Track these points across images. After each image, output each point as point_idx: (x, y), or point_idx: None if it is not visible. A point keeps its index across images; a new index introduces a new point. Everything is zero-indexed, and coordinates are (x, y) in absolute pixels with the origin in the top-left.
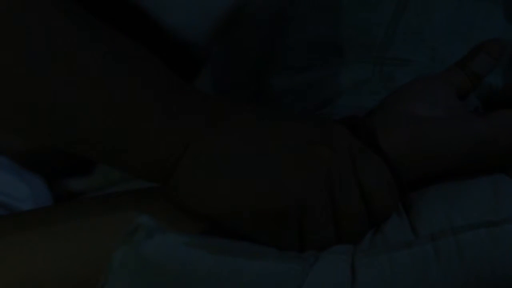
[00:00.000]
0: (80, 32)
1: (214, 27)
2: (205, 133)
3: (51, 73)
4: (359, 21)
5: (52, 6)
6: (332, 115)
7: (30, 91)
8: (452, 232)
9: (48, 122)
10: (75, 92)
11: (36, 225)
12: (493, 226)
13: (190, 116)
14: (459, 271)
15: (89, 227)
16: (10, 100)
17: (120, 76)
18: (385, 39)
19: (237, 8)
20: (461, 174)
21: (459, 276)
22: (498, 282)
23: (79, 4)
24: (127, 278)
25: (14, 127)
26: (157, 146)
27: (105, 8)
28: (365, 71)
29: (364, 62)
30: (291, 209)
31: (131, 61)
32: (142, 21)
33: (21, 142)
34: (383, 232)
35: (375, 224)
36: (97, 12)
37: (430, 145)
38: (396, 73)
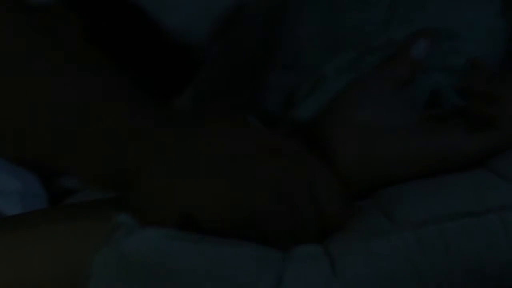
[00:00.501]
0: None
1: (214, 28)
2: (167, 143)
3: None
4: (355, 20)
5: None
6: (316, 104)
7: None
8: (434, 221)
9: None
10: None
11: (33, 226)
12: (477, 216)
13: (152, 125)
14: (444, 260)
15: (87, 229)
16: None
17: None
18: (378, 34)
19: (236, 9)
20: None
21: (445, 264)
22: (484, 272)
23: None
24: (112, 279)
25: None
26: (122, 153)
27: (107, 9)
28: (353, 60)
29: (352, 51)
30: (248, 219)
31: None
32: (143, 23)
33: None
34: (354, 227)
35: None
36: (98, 13)
37: (378, 165)
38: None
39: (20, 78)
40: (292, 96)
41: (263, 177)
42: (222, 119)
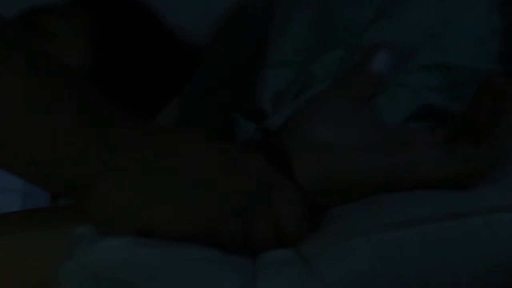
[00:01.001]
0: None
1: (214, 27)
2: (122, 156)
3: None
4: (347, 18)
5: None
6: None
7: None
8: (415, 222)
9: None
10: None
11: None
12: (461, 217)
13: (110, 136)
14: (428, 261)
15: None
16: None
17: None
18: (367, 33)
19: (237, 9)
20: None
21: (429, 266)
22: (471, 273)
23: None
24: None
25: None
26: (76, 164)
27: (111, 7)
28: (342, 59)
29: (341, 50)
30: (205, 234)
31: (65, 79)
32: (147, 22)
33: None
34: (329, 229)
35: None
36: (103, 12)
37: (335, 182)
38: None
39: None
40: (281, 96)
41: (222, 193)
42: (185, 135)
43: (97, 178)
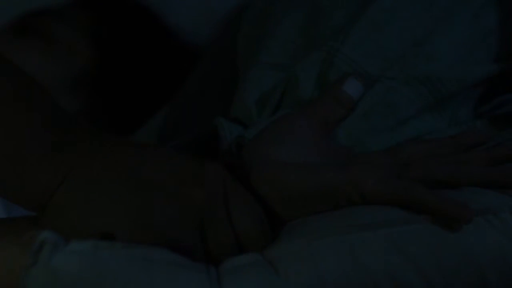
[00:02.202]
0: None
1: (215, 26)
2: (81, 167)
3: None
4: (333, 21)
5: None
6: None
7: None
8: (381, 225)
9: None
10: None
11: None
12: (427, 221)
13: (69, 148)
14: (400, 262)
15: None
16: None
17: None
18: (347, 34)
19: (237, 9)
20: None
21: (402, 267)
22: (440, 274)
23: None
24: None
25: None
26: (36, 176)
27: (111, 9)
28: (323, 62)
29: (321, 52)
30: (160, 242)
31: (19, 88)
32: (148, 23)
33: None
34: (294, 234)
35: None
36: (103, 14)
37: (290, 198)
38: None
39: None
40: (267, 97)
41: (180, 206)
42: (145, 149)
43: (55, 192)
